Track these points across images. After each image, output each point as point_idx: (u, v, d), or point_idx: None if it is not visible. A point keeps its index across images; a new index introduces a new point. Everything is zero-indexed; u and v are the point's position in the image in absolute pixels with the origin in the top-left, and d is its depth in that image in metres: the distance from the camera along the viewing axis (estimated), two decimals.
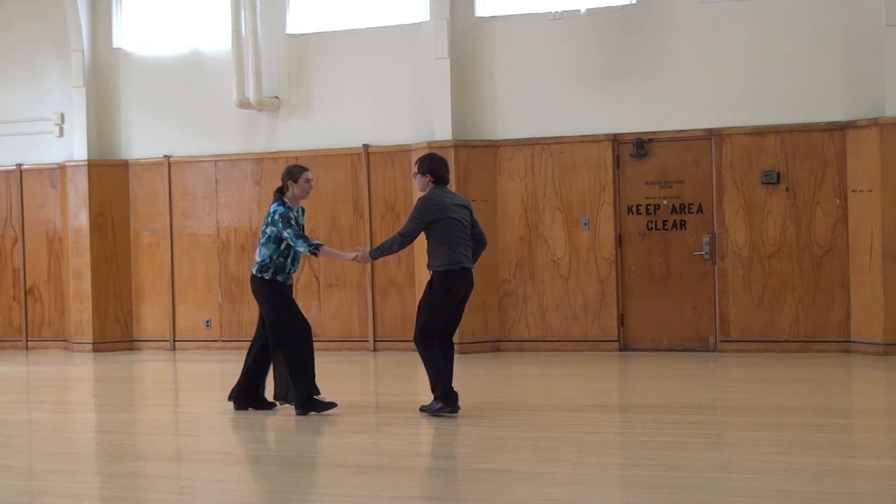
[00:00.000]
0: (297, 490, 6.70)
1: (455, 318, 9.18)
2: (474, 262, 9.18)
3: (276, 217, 9.10)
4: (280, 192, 9.31)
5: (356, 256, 9.28)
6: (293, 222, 9.11)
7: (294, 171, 9.27)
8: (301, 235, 9.10)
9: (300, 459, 7.68)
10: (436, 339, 8.98)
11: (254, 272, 9.26)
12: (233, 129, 14.92)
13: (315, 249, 9.09)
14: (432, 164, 9.14)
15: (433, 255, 9.01)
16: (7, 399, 11.16)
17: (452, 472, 7.11)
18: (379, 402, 10.59)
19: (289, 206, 9.21)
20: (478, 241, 9.23)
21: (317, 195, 14.42)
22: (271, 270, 9.17)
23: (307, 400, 9.14)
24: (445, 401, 8.87)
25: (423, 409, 9.04)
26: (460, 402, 9.00)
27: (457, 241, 8.98)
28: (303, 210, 9.46)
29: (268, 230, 9.16)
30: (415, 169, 9.26)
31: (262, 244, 9.19)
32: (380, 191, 14.25)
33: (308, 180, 9.28)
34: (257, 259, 9.24)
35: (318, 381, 9.33)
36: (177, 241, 15.19)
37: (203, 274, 15.07)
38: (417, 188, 9.38)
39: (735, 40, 13.04)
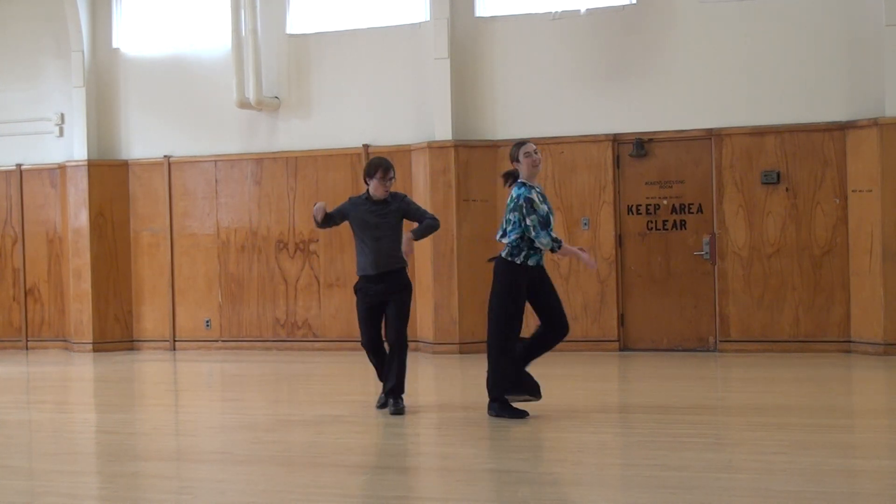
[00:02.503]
0: (297, 490, 6.70)
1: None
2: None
3: (521, 202, 8.53)
4: (512, 176, 8.74)
5: (588, 258, 8.88)
6: (536, 207, 8.54)
7: (513, 152, 8.72)
8: (545, 225, 8.56)
9: (300, 459, 7.68)
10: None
11: (503, 255, 8.68)
12: (233, 129, 14.93)
13: (557, 245, 8.62)
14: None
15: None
16: (7, 399, 11.16)
17: (452, 472, 7.10)
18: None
19: (530, 186, 8.63)
20: None
21: (317, 195, 14.45)
22: (523, 254, 8.63)
23: (500, 402, 8.71)
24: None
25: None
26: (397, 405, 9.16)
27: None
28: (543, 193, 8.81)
29: (511, 216, 8.57)
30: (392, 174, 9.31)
31: (509, 231, 8.61)
32: None
33: (528, 153, 8.64)
34: (507, 241, 8.66)
35: (319, 381, 9.32)
36: (177, 241, 15.20)
37: (203, 274, 15.07)
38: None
39: (735, 40, 13.05)
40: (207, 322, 15.03)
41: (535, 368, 8.89)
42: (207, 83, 15.00)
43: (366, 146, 14.28)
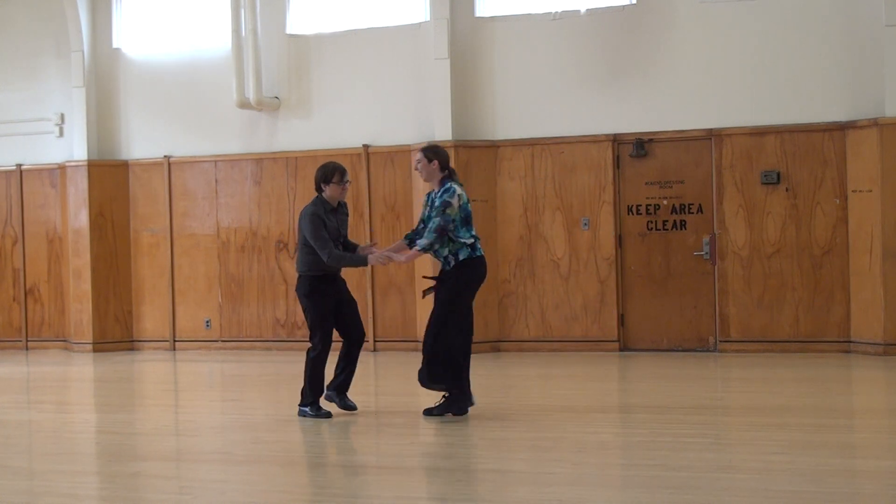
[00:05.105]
0: (297, 490, 6.71)
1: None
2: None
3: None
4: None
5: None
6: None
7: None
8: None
9: (300, 459, 7.69)
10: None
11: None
12: (233, 129, 14.93)
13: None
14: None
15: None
16: (7, 399, 11.16)
17: (452, 472, 7.11)
18: (379, 402, 10.58)
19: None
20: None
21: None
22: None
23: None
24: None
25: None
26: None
27: None
28: (429, 197, 9.05)
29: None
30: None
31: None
32: (380, 191, 14.25)
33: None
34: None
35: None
36: (177, 241, 15.20)
37: (203, 274, 15.07)
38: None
39: (735, 40, 13.04)
40: (207, 322, 15.03)
41: (536, 368, 8.87)
42: (207, 83, 15.00)
43: (366, 146, 14.28)
